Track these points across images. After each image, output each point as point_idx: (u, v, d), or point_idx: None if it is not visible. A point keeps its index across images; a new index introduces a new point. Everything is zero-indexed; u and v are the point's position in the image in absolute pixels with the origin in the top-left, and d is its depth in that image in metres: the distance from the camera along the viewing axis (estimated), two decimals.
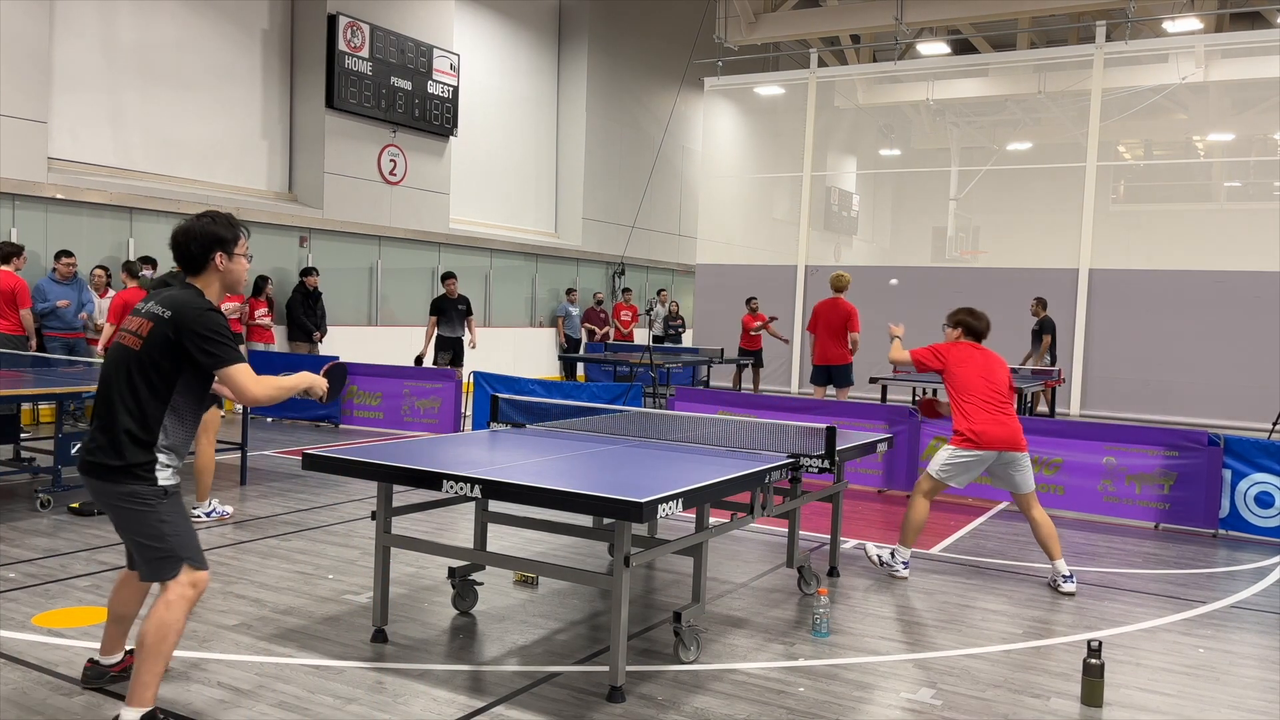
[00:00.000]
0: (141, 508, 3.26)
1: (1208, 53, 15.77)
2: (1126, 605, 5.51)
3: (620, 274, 20.64)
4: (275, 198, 14.32)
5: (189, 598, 3.32)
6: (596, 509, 3.95)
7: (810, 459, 4.81)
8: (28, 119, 10.92)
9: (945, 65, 18.87)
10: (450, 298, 12.91)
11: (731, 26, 18.28)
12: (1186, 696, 4.19)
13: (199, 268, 3.43)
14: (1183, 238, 16.59)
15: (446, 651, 4.39)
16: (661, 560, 5.93)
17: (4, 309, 9.63)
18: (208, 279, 3.44)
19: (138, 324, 3.32)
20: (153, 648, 3.22)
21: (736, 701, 3.92)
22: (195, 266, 3.43)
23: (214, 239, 3.42)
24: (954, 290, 15.65)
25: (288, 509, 7.15)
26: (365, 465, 4.17)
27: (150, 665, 3.22)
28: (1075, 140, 15.87)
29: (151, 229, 12.23)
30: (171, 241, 3.45)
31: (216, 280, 3.46)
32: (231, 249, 3.46)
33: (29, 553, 5.66)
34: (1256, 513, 7.24)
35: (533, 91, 19.42)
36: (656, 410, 6.83)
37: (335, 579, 5.41)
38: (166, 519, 3.30)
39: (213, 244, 3.42)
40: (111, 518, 3.38)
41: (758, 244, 18.92)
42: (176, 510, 3.35)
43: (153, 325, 3.28)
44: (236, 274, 3.51)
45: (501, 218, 18.79)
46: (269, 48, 14.25)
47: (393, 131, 15.46)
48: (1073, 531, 7.44)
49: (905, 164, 22.65)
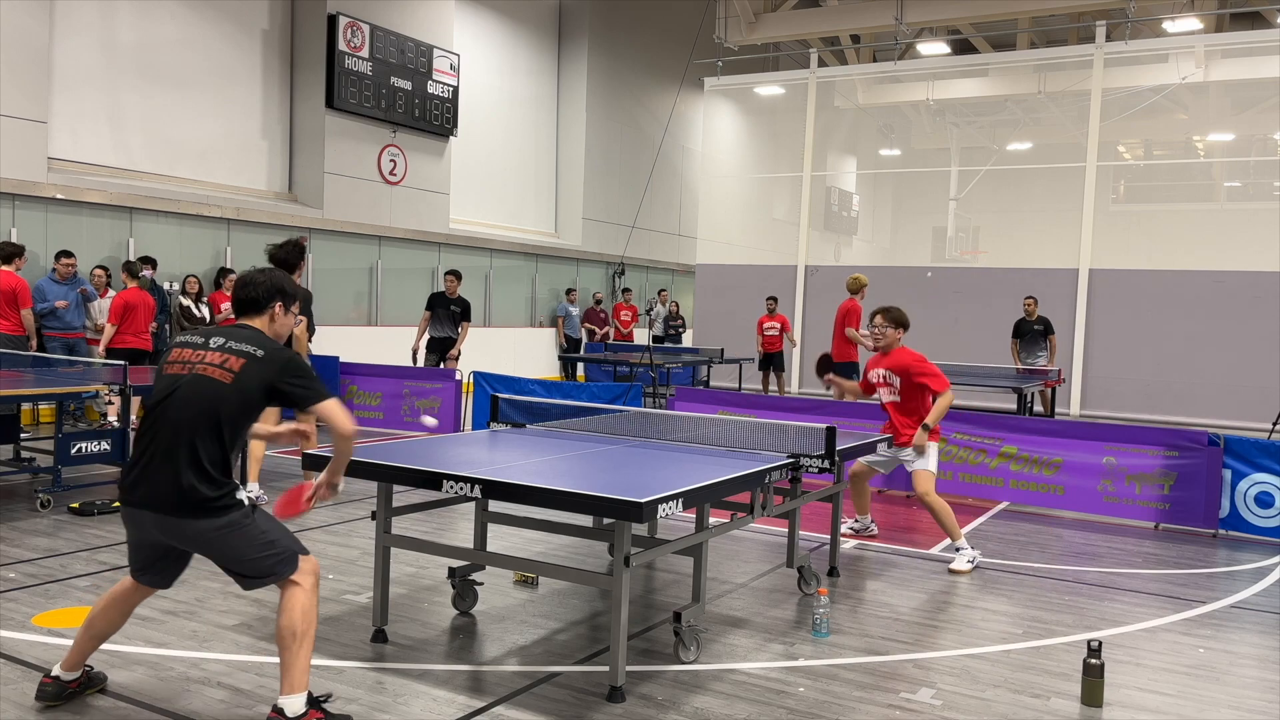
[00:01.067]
0: (242, 530, 3.36)
1: (1208, 53, 15.78)
2: (1126, 605, 5.51)
3: (620, 274, 20.64)
4: (275, 198, 14.32)
5: (315, 582, 3.48)
6: (596, 509, 3.95)
7: (810, 459, 4.81)
8: (28, 119, 10.93)
9: (945, 65, 18.88)
10: (449, 295, 12.22)
11: (731, 26, 18.28)
12: (1186, 696, 4.19)
13: (258, 311, 3.60)
14: (1183, 238, 16.60)
15: (446, 651, 4.39)
16: (661, 560, 5.93)
17: (4, 309, 9.63)
18: (261, 323, 3.60)
19: (222, 358, 3.39)
20: (304, 634, 3.38)
21: (736, 701, 3.92)
22: (254, 310, 3.60)
23: (279, 289, 3.63)
24: (954, 290, 15.70)
25: None
26: (365, 465, 4.17)
27: (305, 650, 3.38)
28: (1075, 140, 15.87)
29: (151, 229, 12.23)
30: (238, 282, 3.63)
31: (268, 328, 3.62)
32: (290, 305, 3.67)
33: (29, 553, 5.66)
34: (1256, 513, 7.24)
35: (533, 91, 19.42)
36: (656, 410, 6.83)
37: (335, 579, 5.41)
38: (265, 527, 3.43)
39: (276, 294, 3.62)
40: (207, 553, 3.40)
41: (758, 244, 18.92)
42: (264, 515, 3.49)
43: (245, 362, 3.39)
44: (285, 328, 3.69)
45: (501, 218, 18.80)
46: (269, 48, 14.25)
47: (393, 131, 15.46)
48: (1073, 531, 7.44)
49: (905, 164, 22.66)
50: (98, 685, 3.76)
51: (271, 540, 3.42)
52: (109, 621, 3.61)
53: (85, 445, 6.99)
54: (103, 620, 3.60)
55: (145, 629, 4.47)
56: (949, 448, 8.22)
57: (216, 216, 12.97)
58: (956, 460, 8.29)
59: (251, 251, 13.37)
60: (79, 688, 3.67)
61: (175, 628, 4.50)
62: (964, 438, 8.29)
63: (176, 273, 12.37)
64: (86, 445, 7.00)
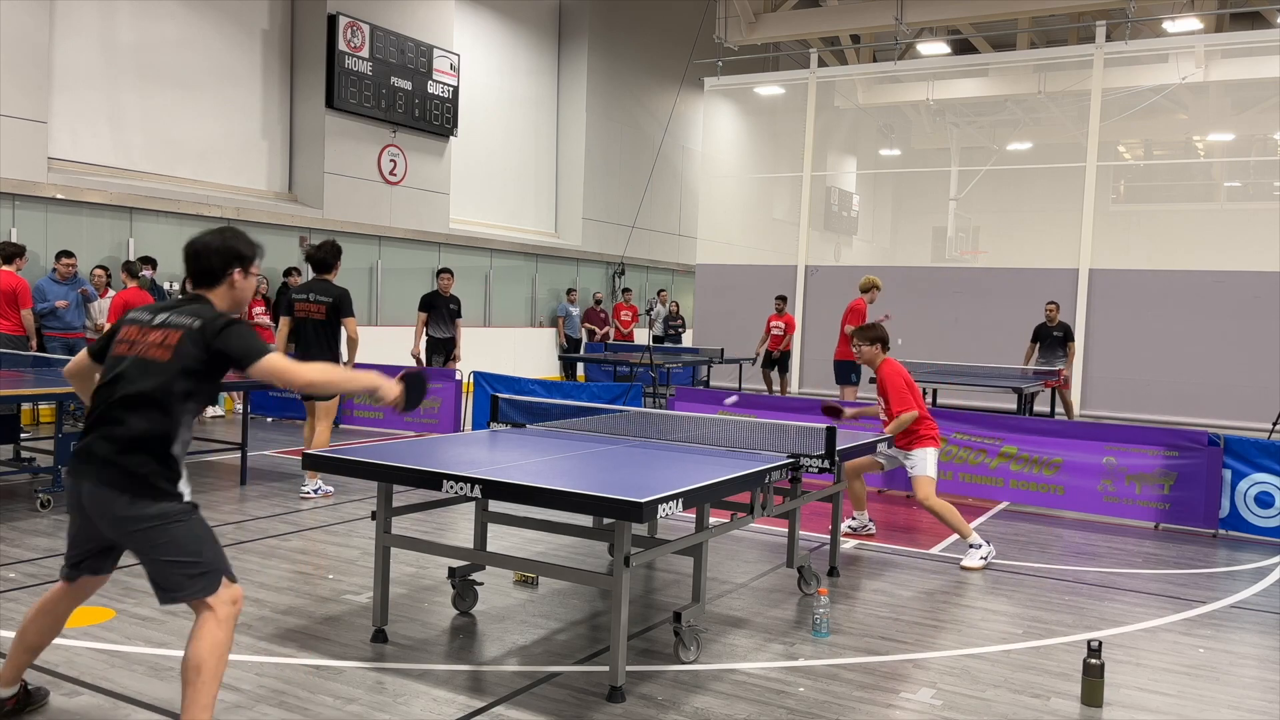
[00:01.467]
0: (172, 527, 3.13)
1: (1208, 53, 15.78)
2: (1126, 605, 5.51)
3: (620, 274, 20.64)
4: (275, 198, 14.33)
5: (235, 614, 3.20)
6: (596, 509, 3.95)
7: (810, 459, 4.81)
8: (28, 119, 10.93)
9: (945, 65, 18.88)
10: (443, 294, 12.13)
11: (731, 26, 18.29)
12: (1186, 696, 4.19)
13: (214, 282, 3.36)
14: (1183, 238, 16.61)
15: (446, 651, 4.39)
16: (661, 560, 5.93)
17: (5, 309, 9.63)
18: (219, 293, 3.36)
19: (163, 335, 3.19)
20: (213, 670, 3.10)
21: (736, 701, 3.92)
22: (210, 280, 3.36)
23: (235, 255, 3.36)
24: (954, 290, 15.70)
25: (288, 509, 7.15)
26: (365, 465, 4.17)
27: (210, 689, 3.09)
28: (1075, 140, 15.88)
29: (151, 229, 12.24)
30: (188, 252, 3.37)
31: (228, 296, 3.38)
32: (249, 266, 3.41)
33: (29, 553, 5.66)
34: (1256, 513, 7.24)
35: (533, 91, 19.42)
36: (656, 410, 6.83)
37: (335, 579, 5.41)
38: (200, 534, 3.19)
39: (233, 259, 3.36)
40: (131, 545, 3.17)
41: (758, 244, 18.93)
42: (202, 521, 3.24)
43: (181, 335, 3.19)
44: (247, 292, 3.44)
45: (501, 218, 18.80)
46: (269, 48, 14.25)
47: (393, 131, 15.47)
48: (1073, 531, 7.44)
49: (905, 164, 22.68)
50: (38, 702, 3.57)
51: (198, 551, 3.15)
52: (41, 630, 3.41)
53: None
54: (35, 630, 3.40)
55: (145, 629, 4.47)
56: (949, 448, 8.22)
57: (216, 216, 12.97)
58: (956, 460, 8.29)
59: None
60: (16, 705, 3.48)
61: (175, 628, 4.50)
62: (964, 438, 8.29)
63: (176, 273, 12.37)
64: None
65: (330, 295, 7.59)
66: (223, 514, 6.87)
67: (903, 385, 6.41)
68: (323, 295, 7.60)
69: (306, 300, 7.63)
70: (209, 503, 7.16)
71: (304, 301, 7.64)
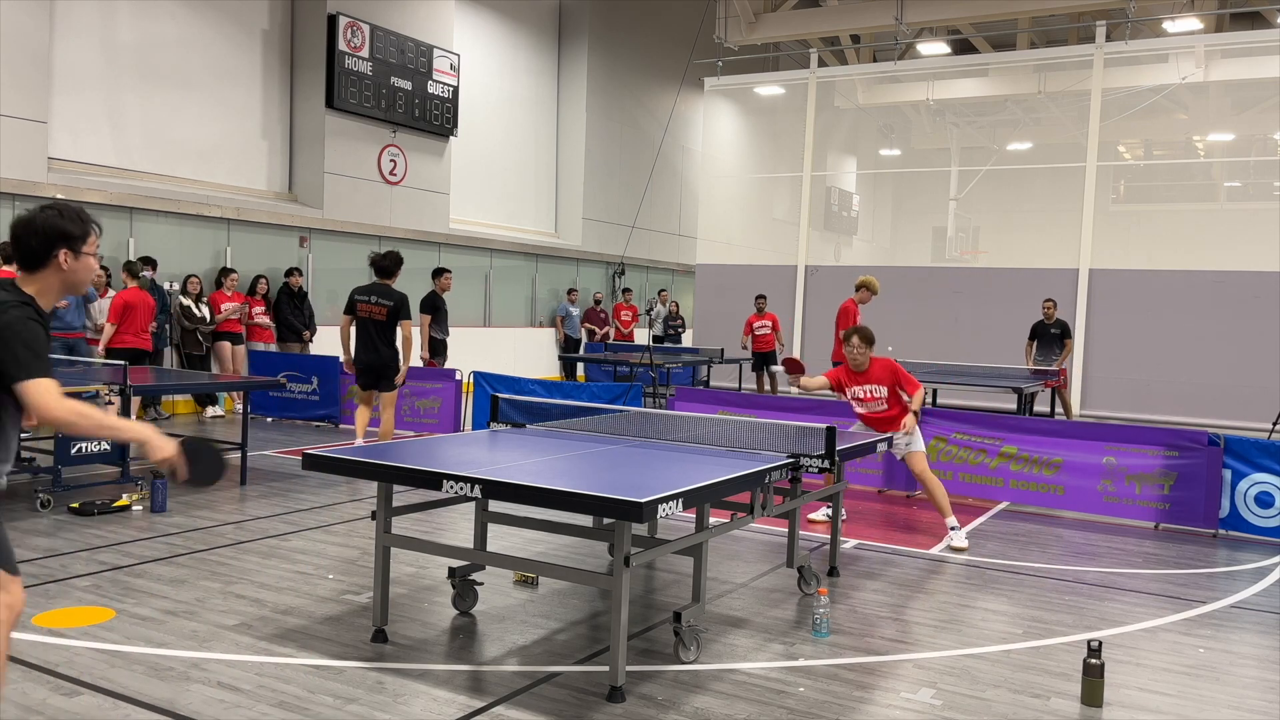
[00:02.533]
0: None
1: (1208, 53, 15.78)
2: (1126, 605, 5.51)
3: (620, 274, 20.64)
4: (275, 198, 14.32)
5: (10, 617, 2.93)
6: (596, 509, 3.95)
7: (810, 459, 4.81)
8: (28, 119, 10.93)
9: (945, 65, 18.88)
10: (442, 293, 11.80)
11: (731, 26, 18.28)
12: (1186, 696, 4.19)
13: (37, 264, 2.99)
14: (1183, 238, 16.61)
15: (446, 651, 4.39)
16: (661, 560, 5.93)
17: None
18: (45, 277, 3.00)
19: None
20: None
21: (736, 701, 3.92)
22: (33, 263, 2.99)
23: (59, 234, 2.99)
24: (954, 290, 15.70)
25: (288, 509, 7.15)
26: (365, 465, 4.17)
27: None
28: (1075, 140, 15.88)
29: (152, 229, 12.23)
30: (10, 234, 3.03)
31: (56, 280, 3.02)
32: (79, 246, 3.03)
33: (29, 553, 5.65)
34: (1256, 513, 7.24)
35: (533, 91, 19.42)
36: (656, 410, 6.83)
37: (335, 579, 5.41)
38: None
39: (57, 239, 2.98)
40: None
41: (758, 244, 18.93)
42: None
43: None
44: (82, 274, 3.07)
45: (501, 218, 18.80)
46: (269, 48, 14.25)
47: (393, 131, 15.46)
48: (1073, 531, 7.44)
49: (905, 164, 22.69)
50: None
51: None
52: None
53: (85, 445, 7.01)
54: None
55: (145, 629, 4.48)
56: (949, 448, 8.25)
57: (217, 216, 12.97)
58: (956, 460, 8.29)
59: (252, 251, 13.37)
60: None
61: (175, 628, 4.50)
62: (964, 438, 8.29)
63: (177, 273, 12.37)
64: (86, 445, 7.02)
65: (392, 299, 8.34)
66: (223, 514, 6.87)
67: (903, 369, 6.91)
68: (385, 299, 8.35)
69: (369, 302, 8.38)
70: (209, 502, 7.17)
71: (366, 303, 8.39)
